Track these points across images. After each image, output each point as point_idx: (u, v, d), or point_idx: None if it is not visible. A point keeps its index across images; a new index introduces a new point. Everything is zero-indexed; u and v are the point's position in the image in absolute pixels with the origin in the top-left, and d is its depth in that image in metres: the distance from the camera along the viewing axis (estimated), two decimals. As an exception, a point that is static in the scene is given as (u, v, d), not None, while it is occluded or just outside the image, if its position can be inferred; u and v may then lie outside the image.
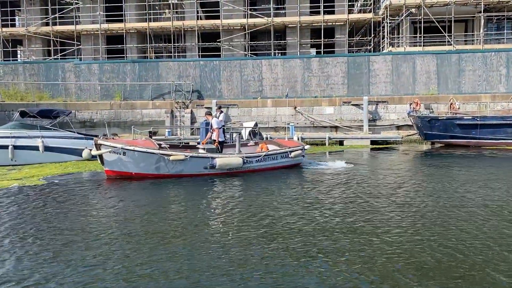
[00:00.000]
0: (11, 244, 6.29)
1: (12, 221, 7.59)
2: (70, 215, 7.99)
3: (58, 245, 6.19)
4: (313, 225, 7.06)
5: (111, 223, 7.50)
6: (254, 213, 7.95)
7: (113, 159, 11.79)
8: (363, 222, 7.21)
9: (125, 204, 9.10)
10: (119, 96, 24.54)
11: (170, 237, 6.60)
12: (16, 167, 14.38)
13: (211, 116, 13.87)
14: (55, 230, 7.00)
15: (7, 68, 26.20)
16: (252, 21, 31.97)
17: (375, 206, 8.38)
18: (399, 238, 6.36)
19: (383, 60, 24.25)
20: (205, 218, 7.78)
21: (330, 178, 11.78)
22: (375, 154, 17.97)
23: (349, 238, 6.36)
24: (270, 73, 24.73)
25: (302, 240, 6.30)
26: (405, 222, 7.24)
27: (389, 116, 23.30)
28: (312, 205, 8.53)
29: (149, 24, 32.38)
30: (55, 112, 16.67)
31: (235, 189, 10.84)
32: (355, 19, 32.47)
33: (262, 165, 13.24)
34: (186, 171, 12.16)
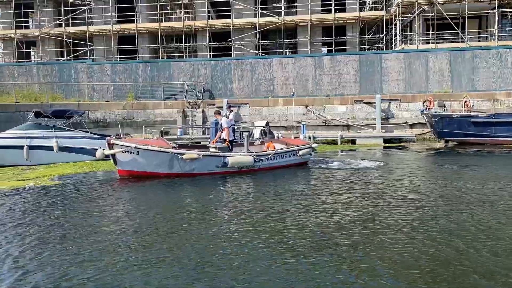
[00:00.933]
0: (28, 243, 6.36)
1: (26, 220, 7.67)
2: (85, 214, 8.06)
3: (74, 244, 6.25)
4: (330, 222, 7.02)
5: (128, 221, 7.54)
6: (271, 210, 7.94)
7: (126, 158, 11.87)
8: (378, 221, 7.14)
9: (141, 202, 9.15)
10: (131, 96, 24.71)
11: (186, 234, 6.62)
12: (31, 167, 14.55)
13: (221, 116, 13.90)
14: (73, 228, 7.06)
15: (22, 69, 26.55)
16: (263, 20, 31.97)
17: (390, 204, 8.30)
18: (416, 237, 6.30)
19: (396, 58, 24.05)
20: (222, 216, 7.78)
21: (343, 176, 11.71)
22: (390, 153, 17.83)
23: (363, 235, 6.31)
24: (281, 72, 24.68)
25: (319, 237, 6.26)
26: (421, 222, 7.16)
27: (402, 114, 23.10)
28: (328, 202, 8.49)
29: (161, 24, 32.56)
30: (69, 112, 16.84)
31: (251, 187, 10.85)
32: (367, 17, 32.27)
33: (272, 163, 13.40)
34: (198, 170, 12.26)
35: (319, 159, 15.84)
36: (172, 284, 4.87)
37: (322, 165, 14.28)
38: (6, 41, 35.67)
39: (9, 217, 7.90)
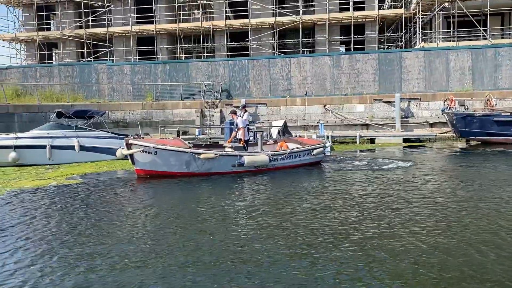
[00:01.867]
0: (49, 241, 6.48)
1: (47, 218, 7.83)
2: (104, 213, 8.18)
3: (95, 242, 6.35)
4: (349, 221, 6.97)
5: (145, 220, 7.63)
6: (291, 209, 7.93)
7: (143, 158, 12.02)
8: (396, 222, 7.06)
9: (160, 202, 9.25)
10: (150, 97, 24.98)
11: (205, 232, 6.66)
12: (53, 166, 14.83)
13: (236, 115, 13.95)
14: (90, 227, 7.18)
15: (44, 70, 27.09)
16: (281, 20, 31.90)
17: (412, 205, 8.20)
18: (436, 241, 6.20)
19: (415, 56, 23.73)
20: (242, 215, 7.80)
21: (362, 176, 11.61)
22: (410, 152, 17.60)
23: (382, 235, 6.25)
24: (299, 71, 24.61)
25: (338, 236, 6.23)
26: (441, 224, 7.05)
27: (422, 113, 22.79)
28: (346, 202, 8.43)
29: (179, 25, 32.80)
30: (90, 112, 17.09)
31: (270, 186, 10.86)
32: (386, 15, 31.90)
33: (286, 162, 13.48)
34: (215, 169, 12.36)
35: (339, 158, 15.73)
36: (189, 283, 4.91)
37: (339, 165, 14.19)
38: (29, 43, 36.41)
39: (32, 215, 8.07)
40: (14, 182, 11.73)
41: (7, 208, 8.67)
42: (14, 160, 14.74)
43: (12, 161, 14.73)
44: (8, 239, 6.53)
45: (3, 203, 9.09)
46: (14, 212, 8.30)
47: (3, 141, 14.99)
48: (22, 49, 37.27)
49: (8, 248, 6.13)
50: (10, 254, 5.86)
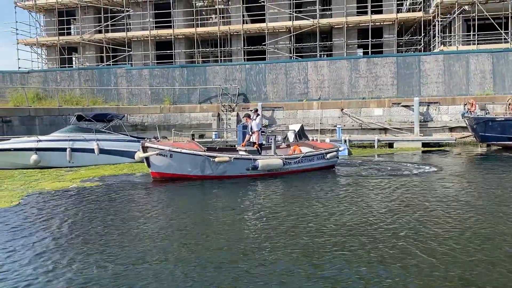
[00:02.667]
0: (66, 241, 6.57)
1: (65, 219, 7.94)
2: (125, 215, 8.26)
3: (110, 244, 6.41)
4: (362, 227, 6.90)
5: (161, 222, 7.68)
6: (308, 212, 7.90)
7: (159, 161, 12.13)
8: (413, 228, 6.95)
9: (178, 204, 9.30)
10: (168, 100, 25.19)
11: (218, 236, 6.67)
12: (73, 169, 15.05)
13: (250, 119, 13.98)
14: (110, 230, 7.25)
15: (64, 74, 27.57)
16: (298, 23, 31.88)
17: (431, 212, 8.07)
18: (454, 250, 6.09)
19: (435, 59, 23.42)
20: (257, 218, 7.79)
21: (378, 181, 11.49)
22: (430, 157, 17.36)
23: (397, 242, 6.16)
24: (316, 75, 24.53)
25: (352, 242, 6.17)
26: (461, 234, 6.92)
27: (441, 117, 22.45)
28: (359, 206, 8.35)
29: (196, 29, 33.05)
30: (109, 116, 17.31)
31: (286, 189, 10.83)
32: (404, 18, 31.62)
33: (300, 166, 13.50)
34: (229, 173, 12.43)
35: (356, 162, 15.61)
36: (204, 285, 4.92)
37: (354, 169, 14.09)
38: (50, 47, 37.14)
39: (50, 216, 8.19)
40: (35, 184, 11.95)
41: (29, 209, 8.83)
42: (36, 162, 15.02)
43: (34, 163, 15.01)
44: (30, 238, 6.64)
45: (25, 205, 9.26)
46: (35, 213, 8.45)
47: (25, 143, 15.31)
48: (43, 54, 38.05)
49: (30, 246, 6.23)
50: (33, 252, 5.95)
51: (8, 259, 5.80)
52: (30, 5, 35.68)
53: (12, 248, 6.27)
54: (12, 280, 5.12)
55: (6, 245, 6.40)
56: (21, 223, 7.69)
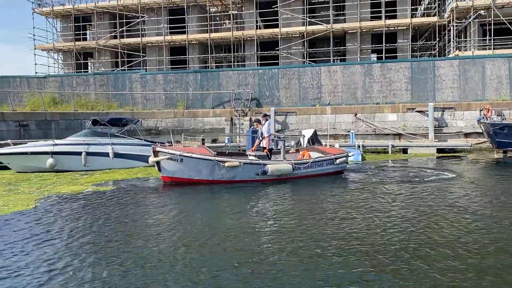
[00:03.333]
0: (79, 245, 6.65)
1: (80, 223, 8.02)
2: (138, 219, 8.33)
3: (122, 247, 6.47)
4: (372, 233, 6.84)
5: (172, 227, 7.72)
6: (319, 218, 7.87)
7: (170, 165, 12.23)
8: (423, 235, 6.87)
9: (190, 209, 9.34)
10: (182, 105, 25.38)
11: (228, 240, 6.68)
12: (88, 172, 15.23)
13: (261, 125, 14.00)
14: (118, 232, 7.31)
15: (80, 79, 27.97)
16: (311, 29, 31.91)
17: (444, 220, 7.98)
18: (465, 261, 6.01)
19: (449, 64, 23.20)
20: (267, 223, 7.79)
21: (394, 187, 11.39)
22: (445, 163, 17.15)
23: (410, 248, 6.10)
24: (329, 80, 24.48)
25: (360, 248, 6.12)
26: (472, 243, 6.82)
27: (456, 123, 22.19)
28: (369, 211, 8.28)
29: (210, 35, 33.30)
30: (124, 120, 17.49)
31: (296, 195, 10.81)
32: (419, 23, 31.43)
33: (309, 171, 13.50)
34: (238, 177, 12.48)
35: (369, 167, 15.50)
36: None
37: (364, 174, 13.99)
38: (66, 52, 37.76)
39: (66, 219, 8.30)
40: (51, 188, 12.11)
41: (45, 212, 8.95)
42: (52, 166, 15.23)
43: (50, 167, 15.22)
44: (46, 241, 6.73)
45: (42, 208, 9.39)
46: (52, 216, 8.56)
47: (41, 147, 15.53)
48: (59, 59, 38.69)
49: (49, 249, 6.31)
50: (50, 254, 6.04)
51: (25, 261, 5.89)
52: (47, 11, 36.36)
53: (30, 250, 6.37)
54: (30, 280, 5.20)
55: (24, 247, 6.50)
56: (38, 226, 7.80)
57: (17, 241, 6.83)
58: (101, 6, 35.47)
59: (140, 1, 34.42)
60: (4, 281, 5.22)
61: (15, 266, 5.72)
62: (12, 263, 5.81)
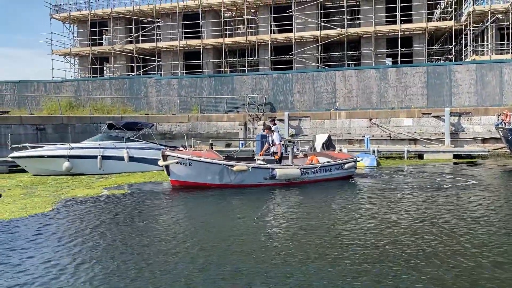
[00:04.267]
0: (91, 248, 6.68)
1: (94, 226, 8.08)
2: (152, 222, 8.36)
3: (133, 251, 6.48)
4: (381, 238, 6.74)
5: (181, 231, 7.72)
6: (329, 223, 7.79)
7: (178, 169, 12.27)
8: (430, 242, 6.75)
9: (198, 213, 9.35)
10: (196, 109, 25.50)
11: (236, 244, 6.64)
12: (103, 176, 15.35)
13: (271, 131, 13.97)
14: (135, 237, 7.34)
15: (96, 83, 28.31)
16: (325, 33, 31.83)
17: (447, 224, 7.83)
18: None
19: (466, 69, 22.90)
20: (273, 228, 7.74)
21: (395, 192, 11.24)
22: (462, 169, 16.88)
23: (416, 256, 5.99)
24: (344, 84, 24.36)
25: (363, 254, 6.03)
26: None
27: (473, 128, 21.87)
28: (377, 217, 8.17)
29: (224, 39, 33.44)
30: (139, 124, 17.61)
31: (303, 199, 10.74)
32: (435, 27, 31.13)
33: (318, 176, 13.45)
34: (247, 182, 12.49)
35: (383, 172, 15.34)
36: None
37: (374, 179, 13.83)
38: (82, 57, 38.29)
39: (81, 222, 8.36)
40: (67, 191, 12.23)
41: (63, 215, 9.04)
42: (68, 169, 15.38)
43: (66, 170, 15.38)
44: (65, 244, 6.79)
45: (59, 211, 9.48)
46: (69, 219, 8.64)
47: (57, 151, 15.71)
48: (76, 63, 39.24)
49: (65, 251, 6.37)
50: (67, 256, 6.08)
51: (46, 263, 5.94)
52: (65, 17, 36.95)
53: (52, 251, 6.42)
54: (49, 281, 5.24)
55: (46, 250, 6.56)
56: (57, 228, 7.87)
57: (36, 243, 6.89)
58: (117, 12, 35.93)
59: (156, 7, 34.76)
60: (24, 281, 5.27)
61: (35, 267, 5.77)
62: (32, 266, 5.87)
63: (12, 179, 14.80)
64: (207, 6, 34.30)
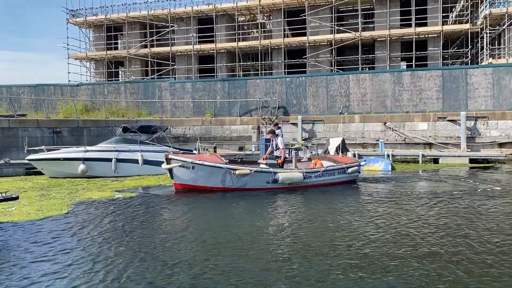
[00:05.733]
0: (108, 248, 6.74)
1: (115, 228, 8.15)
2: (164, 224, 8.40)
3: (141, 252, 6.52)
4: (381, 243, 6.66)
5: (185, 234, 7.74)
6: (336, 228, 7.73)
7: (181, 173, 12.34)
8: (433, 248, 6.64)
9: (201, 217, 9.36)
10: (209, 113, 25.60)
11: (238, 248, 6.63)
12: (118, 179, 15.50)
13: (275, 136, 13.96)
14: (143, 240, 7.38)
15: (111, 87, 28.63)
16: (339, 37, 31.74)
17: (451, 229, 7.70)
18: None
19: (483, 72, 22.58)
20: (274, 232, 7.71)
21: (417, 199, 11.10)
22: (478, 174, 16.63)
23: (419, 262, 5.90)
24: (358, 88, 24.22)
25: (364, 257, 5.96)
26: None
27: (490, 132, 21.53)
28: (383, 220, 8.08)
29: (238, 43, 33.57)
30: (153, 127, 17.75)
31: (307, 203, 10.70)
32: (450, 31, 30.80)
33: (321, 180, 13.42)
34: (249, 185, 12.50)
35: (398, 176, 15.20)
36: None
37: (381, 184, 13.70)
38: (98, 61, 38.80)
39: (94, 223, 8.45)
40: (83, 193, 12.37)
41: (79, 217, 9.14)
42: (83, 172, 15.58)
43: (81, 172, 15.58)
44: (80, 245, 6.86)
45: (75, 213, 9.59)
46: (85, 221, 8.73)
47: (73, 153, 15.93)
48: (91, 67, 39.78)
49: (80, 252, 6.44)
50: (82, 256, 6.15)
51: (62, 264, 6.01)
52: (81, 21, 37.50)
53: (67, 252, 6.50)
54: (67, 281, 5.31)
55: (62, 250, 6.64)
56: (72, 230, 7.97)
57: (52, 244, 6.98)
58: (132, 16, 36.35)
59: (170, 11, 35.09)
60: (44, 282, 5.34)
61: (51, 267, 5.84)
62: (49, 265, 5.94)
63: (29, 181, 15.04)
64: (221, 11, 34.49)
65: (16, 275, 5.60)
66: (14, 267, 5.93)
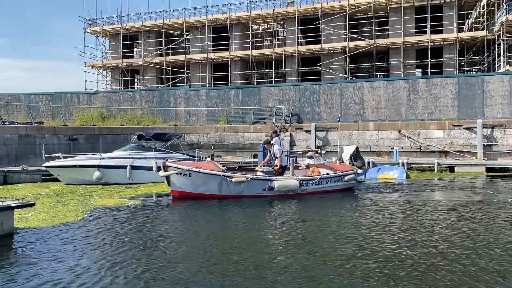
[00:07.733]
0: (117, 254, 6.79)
1: (129, 234, 8.22)
2: (165, 231, 8.44)
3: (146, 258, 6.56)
4: (379, 249, 6.57)
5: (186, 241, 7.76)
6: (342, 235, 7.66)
7: (178, 180, 12.43)
8: (429, 255, 6.53)
9: (202, 224, 9.38)
10: (223, 120, 25.72)
11: (237, 255, 6.62)
12: (132, 186, 15.64)
13: (271, 145, 13.96)
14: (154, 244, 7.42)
15: (126, 95, 28.98)
16: (353, 44, 31.69)
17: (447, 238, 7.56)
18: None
19: (500, 80, 22.27)
20: (271, 238, 7.67)
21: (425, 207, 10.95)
22: (494, 183, 16.36)
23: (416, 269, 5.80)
24: (372, 95, 24.09)
25: (362, 265, 5.89)
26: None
27: (507, 141, 21.18)
28: (380, 229, 7.97)
29: (252, 51, 33.74)
30: (168, 135, 17.91)
31: (302, 210, 10.67)
32: (466, 38, 30.50)
33: (317, 188, 13.44)
34: (246, 192, 12.56)
35: (412, 184, 15.02)
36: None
37: (386, 191, 13.54)
38: (114, 70, 39.35)
39: (107, 230, 8.53)
40: (97, 199, 12.51)
41: (94, 223, 9.25)
42: (98, 178, 15.77)
43: (96, 179, 15.77)
44: (94, 251, 6.94)
45: (90, 219, 9.71)
46: (99, 227, 8.83)
47: (89, 160, 16.14)
48: (108, 75, 40.37)
49: (93, 257, 6.51)
50: (95, 262, 6.22)
51: (76, 269, 6.09)
52: (97, 30, 38.17)
53: (81, 258, 6.58)
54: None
55: (76, 256, 6.72)
56: (87, 236, 8.06)
57: (68, 250, 7.07)
58: (148, 25, 36.85)
59: (185, 20, 35.48)
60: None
61: (66, 273, 5.92)
62: (65, 271, 6.02)
63: (45, 187, 15.27)
64: (235, 19, 34.75)
65: (34, 280, 5.69)
66: (30, 270, 6.02)
